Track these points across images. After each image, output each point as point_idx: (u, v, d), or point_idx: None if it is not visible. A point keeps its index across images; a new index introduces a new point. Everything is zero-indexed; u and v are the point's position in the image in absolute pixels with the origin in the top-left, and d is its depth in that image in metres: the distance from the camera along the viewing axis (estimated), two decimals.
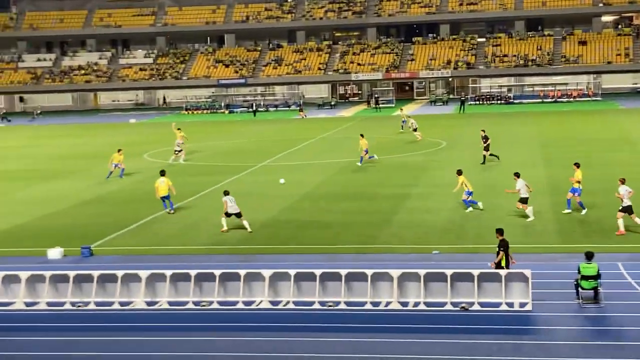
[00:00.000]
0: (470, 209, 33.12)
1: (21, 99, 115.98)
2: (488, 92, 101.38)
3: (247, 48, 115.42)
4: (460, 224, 30.95)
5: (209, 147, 59.77)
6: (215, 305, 22.45)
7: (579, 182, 32.17)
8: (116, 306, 22.76)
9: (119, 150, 46.46)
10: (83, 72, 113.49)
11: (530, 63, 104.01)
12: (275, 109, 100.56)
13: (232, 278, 22.92)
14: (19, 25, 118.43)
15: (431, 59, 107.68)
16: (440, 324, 20.46)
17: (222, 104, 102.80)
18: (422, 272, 22.19)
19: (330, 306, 22.00)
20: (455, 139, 59.41)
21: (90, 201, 38.96)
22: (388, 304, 21.95)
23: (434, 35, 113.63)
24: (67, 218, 35.16)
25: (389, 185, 39.95)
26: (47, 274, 23.57)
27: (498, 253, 22.61)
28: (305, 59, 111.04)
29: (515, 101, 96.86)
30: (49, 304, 23.15)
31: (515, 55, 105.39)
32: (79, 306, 22.90)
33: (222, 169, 47.91)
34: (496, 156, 46.40)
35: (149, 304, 22.84)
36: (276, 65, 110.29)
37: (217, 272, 22.96)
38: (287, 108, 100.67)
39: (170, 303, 22.80)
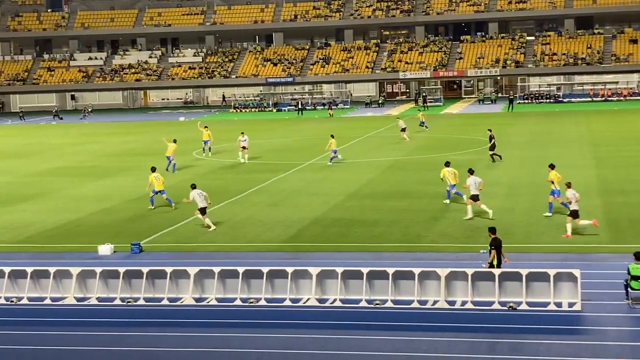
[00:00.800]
0: (447, 201, 34.83)
1: (73, 97, 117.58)
2: (537, 90, 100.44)
3: (295, 47, 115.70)
4: (508, 223, 30.76)
5: (256, 145, 60.05)
6: (262, 303, 22.61)
7: (552, 182, 32.04)
8: (165, 302, 23.04)
9: (174, 141, 47.60)
10: (133, 70, 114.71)
11: (579, 62, 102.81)
12: (322, 107, 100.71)
13: (280, 275, 23.06)
14: (71, 24, 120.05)
15: (479, 58, 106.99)
16: (487, 323, 20.39)
17: (270, 103, 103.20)
18: (469, 271, 22.13)
19: (377, 304, 22.03)
20: (504, 137, 58.94)
21: (140, 198, 39.40)
22: (435, 302, 21.93)
23: (483, 33, 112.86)
24: (117, 215, 35.63)
25: (436, 184, 39.74)
26: (98, 269, 23.93)
27: (490, 252, 22.78)
28: (352, 58, 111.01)
29: (564, 100, 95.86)
30: (99, 299, 23.51)
31: (564, 54, 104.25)
32: (128, 302, 23.22)
33: (270, 167, 48.13)
34: (499, 156, 46.81)
35: (197, 300, 23.08)
36: (324, 63, 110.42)
37: (265, 270, 23.11)
38: (335, 107, 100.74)
39: (218, 300, 23.02)
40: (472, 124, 70.76)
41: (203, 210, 31.68)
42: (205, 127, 56.19)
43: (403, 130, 58.68)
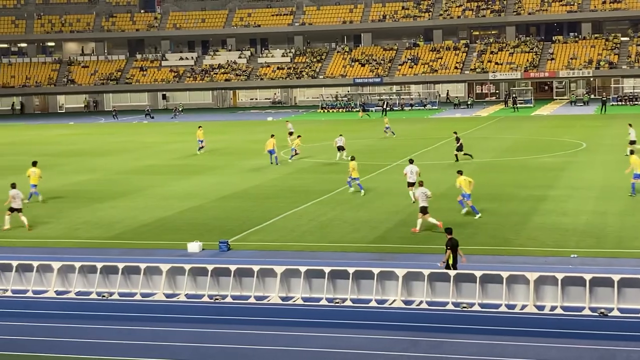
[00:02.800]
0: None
1: (164, 97, 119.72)
2: (631, 92, 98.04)
3: (383, 47, 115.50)
4: (601, 228, 30.10)
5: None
6: (348, 303, 22.60)
7: (460, 186, 32.94)
8: (252, 300, 23.23)
9: (200, 127, 53.77)
10: (223, 70, 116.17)
11: None
12: (410, 108, 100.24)
13: (366, 276, 23.02)
14: (163, 25, 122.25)
15: (572, 58, 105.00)
16: (577, 329, 19.97)
17: (357, 103, 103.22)
18: (559, 275, 21.73)
19: (464, 307, 21.81)
20: (596, 140, 57.76)
21: (229, 196, 39.86)
22: (524, 307, 21.59)
23: (575, 34, 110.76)
24: (206, 212, 36.09)
25: (525, 187, 39.22)
26: (187, 266, 24.28)
27: (446, 251, 22.92)
28: (441, 58, 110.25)
29: None
30: (187, 296, 23.84)
31: None
32: (216, 299, 23.48)
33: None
34: (469, 155, 48.41)
35: (283, 299, 23.20)
36: (412, 64, 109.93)
37: (351, 270, 23.10)
38: (423, 107, 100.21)
39: (304, 299, 23.10)
40: (564, 126, 69.50)
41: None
42: (199, 127, 59.86)
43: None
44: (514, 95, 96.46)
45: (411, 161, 37.32)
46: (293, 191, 40.73)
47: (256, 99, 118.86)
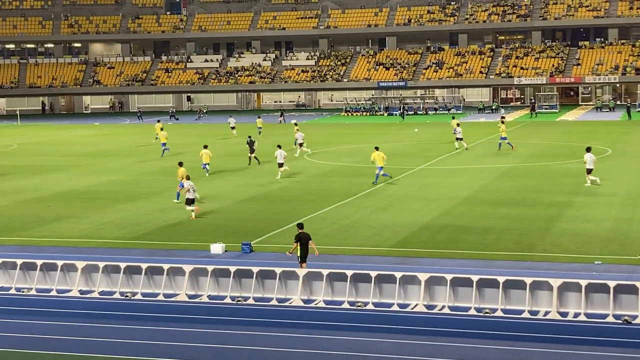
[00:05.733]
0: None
1: (189, 98, 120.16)
2: None
3: (408, 51, 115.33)
4: (625, 234, 29.89)
5: (367, 149, 60.06)
6: (370, 307, 22.58)
7: (373, 161, 42.11)
8: (274, 302, 23.26)
9: (158, 123, 57.39)
10: (247, 73, 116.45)
11: None
12: (434, 112, 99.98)
13: (388, 280, 22.99)
14: (189, 27, 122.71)
15: (598, 64, 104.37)
16: (601, 336, 19.84)
17: (381, 106, 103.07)
18: (583, 282, 21.59)
19: (486, 313, 21.72)
20: (621, 146, 57.39)
21: (252, 198, 39.94)
22: (547, 313, 21.48)
23: (602, 39, 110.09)
24: (230, 214, 36.18)
25: (550, 192, 39.03)
26: (210, 268, 24.35)
27: (294, 244, 24.83)
28: (466, 62, 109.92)
29: None
30: (210, 297, 23.91)
31: None
32: (238, 301, 23.54)
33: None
34: (255, 157, 51.72)
35: (305, 301, 23.21)
36: (437, 68, 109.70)
37: (373, 274, 23.08)
38: (447, 111, 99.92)
39: (325, 302, 23.09)
40: (589, 132, 69.10)
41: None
42: (161, 128, 61.58)
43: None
44: (532, 100, 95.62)
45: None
46: (316, 194, 40.75)
47: (280, 102, 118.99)
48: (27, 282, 25.59)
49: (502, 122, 59.75)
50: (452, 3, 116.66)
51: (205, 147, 48.78)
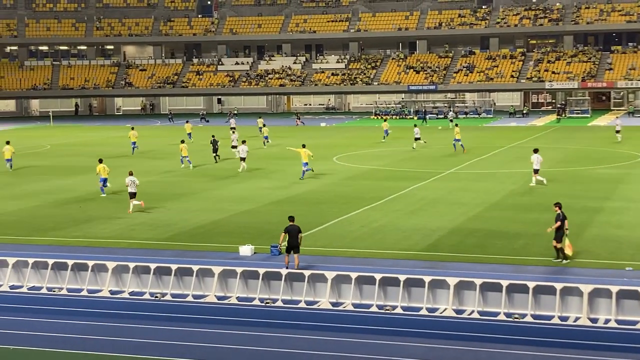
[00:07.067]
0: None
1: (219, 101, 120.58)
2: None
3: (439, 54, 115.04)
4: None
5: (397, 153, 60.02)
6: (398, 311, 22.56)
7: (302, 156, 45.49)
8: (302, 305, 23.30)
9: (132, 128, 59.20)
10: (277, 76, 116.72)
11: None
12: (465, 116, 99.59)
13: (417, 284, 22.96)
14: (220, 30, 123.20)
15: (631, 69, 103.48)
16: (632, 343, 19.69)
17: (411, 110, 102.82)
18: (614, 288, 21.45)
19: (515, 318, 21.63)
20: None
21: (282, 201, 40.03)
22: (577, 319, 21.34)
23: (635, 44, 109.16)
24: (259, 216, 36.27)
25: (581, 198, 38.76)
26: (239, 269, 24.46)
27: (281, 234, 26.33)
28: (497, 66, 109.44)
29: None
30: (238, 299, 24.01)
31: None
32: (266, 303, 23.61)
33: (410, 175, 47.95)
34: (217, 155, 55.74)
35: (333, 304, 23.24)
36: (467, 72, 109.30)
37: (402, 278, 23.07)
38: (477, 115, 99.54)
39: (354, 305, 23.11)
40: (621, 137, 68.47)
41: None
42: (132, 127, 64.86)
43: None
44: (558, 105, 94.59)
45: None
46: (345, 197, 40.76)
47: (310, 105, 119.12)
48: (58, 282, 25.84)
49: (456, 125, 63.34)
50: (483, 7, 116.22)
51: (182, 141, 54.79)
